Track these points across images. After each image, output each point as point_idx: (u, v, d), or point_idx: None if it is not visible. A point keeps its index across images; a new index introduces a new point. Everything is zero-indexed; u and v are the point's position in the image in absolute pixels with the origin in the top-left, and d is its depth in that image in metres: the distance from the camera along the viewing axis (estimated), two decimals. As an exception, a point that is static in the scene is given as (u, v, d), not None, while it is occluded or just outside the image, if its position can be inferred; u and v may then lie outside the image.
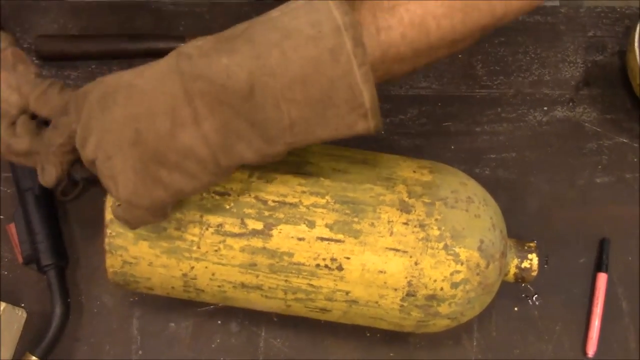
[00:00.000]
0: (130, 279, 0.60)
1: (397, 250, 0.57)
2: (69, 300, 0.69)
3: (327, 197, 0.58)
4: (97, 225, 0.68)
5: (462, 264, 0.58)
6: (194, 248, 0.57)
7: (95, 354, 0.68)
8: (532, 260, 0.63)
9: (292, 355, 0.68)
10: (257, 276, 0.58)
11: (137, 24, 0.80)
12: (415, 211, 0.58)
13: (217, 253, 0.58)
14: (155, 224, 0.57)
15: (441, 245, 0.58)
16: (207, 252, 0.58)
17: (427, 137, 0.77)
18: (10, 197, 0.71)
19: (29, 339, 0.67)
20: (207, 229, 0.57)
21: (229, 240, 0.57)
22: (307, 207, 0.58)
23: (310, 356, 0.68)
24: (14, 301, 0.68)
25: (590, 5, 0.83)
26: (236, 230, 0.57)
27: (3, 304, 0.65)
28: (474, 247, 0.58)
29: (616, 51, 0.70)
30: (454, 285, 0.58)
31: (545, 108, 0.79)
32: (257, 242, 0.57)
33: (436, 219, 0.58)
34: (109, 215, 0.57)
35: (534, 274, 0.63)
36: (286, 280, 0.58)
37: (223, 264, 0.58)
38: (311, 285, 0.58)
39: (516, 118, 0.78)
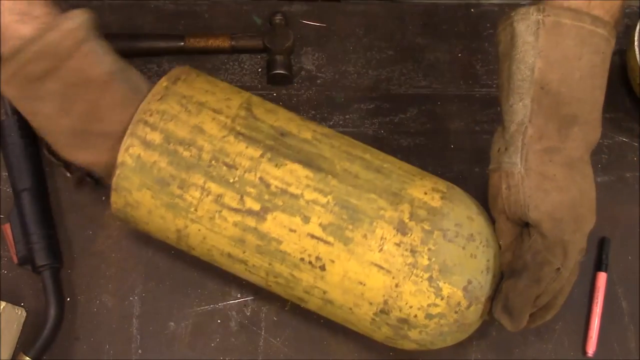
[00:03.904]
0: (130, 219, 0.62)
1: (382, 267, 0.57)
2: (63, 301, 0.68)
3: (329, 197, 0.58)
4: (95, 225, 0.70)
5: (442, 298, 0.57)
6: (192, 209, 0.59)
7: (95, 353, 0.67)
8: (521, 310, 0.62)
9: (292, 355, 0.68)
10: (244, 252, 0.60)
11: (137, 23, 0.79)
12: (411, 235, 0.57)
13: (211, 220, 0.59)
14: (161, 178, 0.58)
15: (426, 275, 0.57)
16: (202, 216, 0.59)
17: (427, 137, 0.76)
18: (7, 196, 0.71)
19: (26, 339, 0.67)
20: (207, 196, 0.58)
21: (225, 212, 0.58)
22: (307, 201, 0.58)
23: (310, 356, 0.68)
24: (13, 300, 0.67)
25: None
26: (234, 204, 0.58)
27: (3, 303, 0.64)
28: (459, 285, 0.57)
29: (616, 50, 0.66)
30: (429, 317, 0.58)
31: (545, 107, 0.77)
32: (250, 222, 0.58)
33: (429, 249, 0.57)
34: (120, 158, 0.59)
35: (520, 323, 0.62)
36: (270, 264, 0.59)
37: (215, 232, 0.59)
38: (292, 275, 0.59)
39: (516, 118, 0.76)
